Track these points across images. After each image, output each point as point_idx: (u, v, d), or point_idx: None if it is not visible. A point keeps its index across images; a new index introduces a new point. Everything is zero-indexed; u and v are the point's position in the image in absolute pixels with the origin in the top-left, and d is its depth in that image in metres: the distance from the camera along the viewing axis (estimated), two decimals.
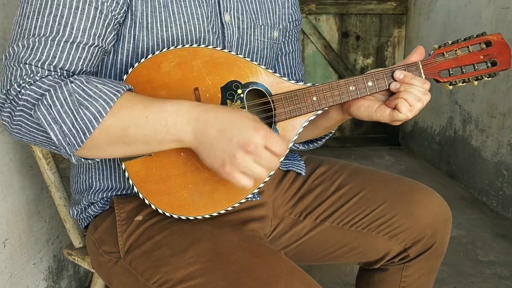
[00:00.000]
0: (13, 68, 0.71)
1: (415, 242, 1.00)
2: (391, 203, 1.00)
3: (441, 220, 1.01)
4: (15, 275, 1.20)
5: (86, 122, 0.68)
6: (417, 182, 1.06)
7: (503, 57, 0.89)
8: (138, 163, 0.78)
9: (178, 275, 0.74)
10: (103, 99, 0.69)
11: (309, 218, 1.02)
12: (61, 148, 0.70)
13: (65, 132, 0.68)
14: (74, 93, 0.68)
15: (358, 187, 1.02)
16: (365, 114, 0.90)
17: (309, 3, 3.60)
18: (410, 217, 0.99)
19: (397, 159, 3.48)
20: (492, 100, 2.53)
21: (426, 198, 1.01)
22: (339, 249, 1.04)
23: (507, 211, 2.40)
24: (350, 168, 1.08)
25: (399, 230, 0.99)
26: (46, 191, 1.33)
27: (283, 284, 0.70)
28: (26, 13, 0.73)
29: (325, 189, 1.04)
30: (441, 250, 1.04)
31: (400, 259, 1.03)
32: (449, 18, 3.03)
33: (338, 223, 1.01)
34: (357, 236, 1.01)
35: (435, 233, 1.00)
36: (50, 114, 0.68)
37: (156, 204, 0.79)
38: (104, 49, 0.79)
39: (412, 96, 0.85)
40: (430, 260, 1.03)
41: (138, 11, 0.80)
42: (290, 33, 1.06)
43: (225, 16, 0.89)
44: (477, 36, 0.90)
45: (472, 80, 0.91)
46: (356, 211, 1.01)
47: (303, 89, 0.85)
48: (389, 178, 1.06)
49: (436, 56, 0.89)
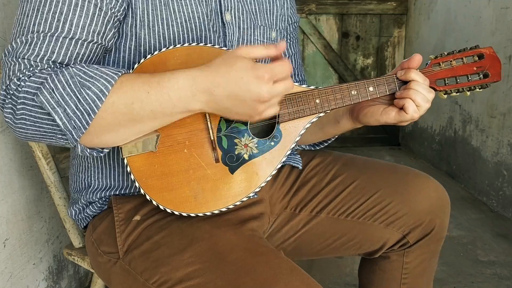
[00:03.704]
0: (11, 63, 0.71)
1: (413, 228, 1.00)
2: (386, 190, 1.00)
3: (439, 204, 1.01)
4: (15, 275, 1.20)
5: (89, 102, 0.68)
6: (411, 169, 1.06)
7: (495, 69, 0.94)
8: (141, 159, 0.78)
9: (177, 275, 0.74)
10: (104, 79, 0.69)
11: (304, 211, 1.03)
12: (68, 133, 0.69)
13: (69, 114, 0.68)
14: (75, 75, 0.69)
15: (352, 176, 1.03)
16: (372, 119, 0.92)
17: (309, 3, 3.60)
18: (406, 203, 0.99)
19: (397, 159, 3.48)
20: (492, 100, 2.53)
21: (421, 183, 1.01)
22: (337, 240, 1.04)
23: (507, 211, 2.40)
24: (344, 159, 1.08)
25: (396, 217, 0.99)
26: (46, 191, 1.33)
27: (283, 283, 0.70)
28: (25, 11, 0.74)
29: (319, 180, 1.04)
30: (441, 234, 1.04)
31: (400, 246, 1.03)
32: (449, 18, 3.03)
33: (333, 214, 1.01)
34: (354, 226, 1.01)
35: (433, 217, 1.00)
36: (53, 98, 0.68)
37: (158, 200, 0.79)
38: (104, 46, 0.79)
39: (420, 96, 0.86)
40: (430, 245, 1.03)
41: (138, 9, 0.80)
42: (289, 36, 1.07)
43: (226, 15, 0.89)
44: (471, 49, 0.94)
45: (465, 91, 0.95)
46: (351, 200, 1.01)
47: (307, 92, 0.86)
48: (383, 166, 1.06)
49: (433, 65, 0.93)
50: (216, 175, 0.80)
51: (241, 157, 0.83)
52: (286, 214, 1.03)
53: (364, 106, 0.94)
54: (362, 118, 0.94)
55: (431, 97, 0.88)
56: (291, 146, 0.86)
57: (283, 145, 0.85)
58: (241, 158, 0.83)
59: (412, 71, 0.88)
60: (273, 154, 0.85)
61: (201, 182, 0.80)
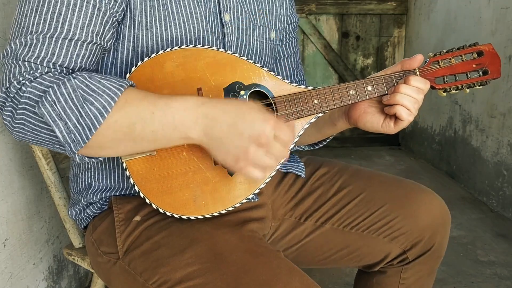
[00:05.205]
0: (11, 65, 0.71)
1: (414, 244, 1.00)
2: (391, 205, 1.00)
3: (441, 221, 1.01)
4: (15, 275, 1.20)
5: (91, 118, 0.67)
6: (417, 184, 1.06)
7: (494, 66, 0.93)
8: (140, 162, 0.78)
9: (177, 276, 0.74)
10: (107, 94, 0.68)
11: (309, 220, 1.02)
12: (66, 145, 0.69)
13: (70, 128, 0.67)
14: (78, 88, 0.68)
15: (358, 189, 1.02)
16: (373, 129, 0.93)
17: (309, 3, 3.60)
18: (410, 218, 0.99)
19: (397, 159, 3.48)
20: (492, 100, 2.53)
21: (426, 199, 1.01)
22: (339, 252, 1.03)
23: (507, 211, 2.40)
24: (350, 170, 1.08)
25: (400, 232, 0.99)
26: (46, 191, 1.33)
27: (282, 284, 0.70)
28: (24, 11, 0.73)
29: (325, 191, 1.04)
30: (440, 252, 1.04)
31: (399, 261, 1.03)
32: (449, 18, 3.02)
33: (338, 225, 1.01)
34: (358, 238, 1.01)
35: (434, 234, 1.00)
36: (54, 110, 0.67)
37: (157, 204, 0.79)
38: (103, 47, 0.78)
39: (407, 99, 0.86)
40: (429, 262, 1.03)
41: (137, 10, 0.80)
42: (289, 36, 1.07)
43: (225, 16, 0.89)
44: (470, 46, 0.93)
45: (464, 88, 0.94)
46: (357, 213, 1.00)
47: (305, 92, 0.86)
48: (389, 179, 1.06)
49: (432, 63, 0.92)
50: (215, 178, 0.80)
51: None
52: (290, 223, 1.03)
53: (362, 114, 0.93)
54: (361, 126, 0.94)
55: (420, 98, 0.88)
56: (289, 147, 0.86)
57: None
58: None
59: (398, 90, 0.87)
60: None
61: (200, 185, 0.80)
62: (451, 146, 3.05)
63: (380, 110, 0.92)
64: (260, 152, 0.70)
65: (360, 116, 0.93)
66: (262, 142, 0.69)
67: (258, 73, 0.84)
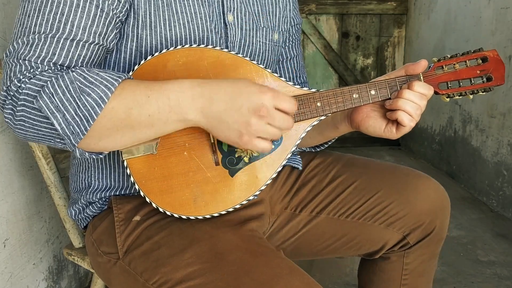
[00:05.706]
0: (12, 64, 0.71)
1: (413, 228, 1.00)
2: (386, 191, 1.00)
3: (439, 205, 1.01)
4: (15, 275, 1.20)
5: (88, 109, 0.67)
6: (412, 169, 1.05)
7: (498, 72, 0.92)
8: (141, 161, 0.78)
9: (177, 276, 0.74)
10: (104, 85, 0.68)
11: (304, 211, 1.03)
12: (66, 138, 0.69)
13: (68, 120, 0.68)
14: (75, 80, 0.68)
15: (352, 177, 1.03)
16: (376, 134, 0.93)
17: (309, 3, 3.60)
18: (406, 204, 0.99)
19: (397, 159, 3.48)
20: (492, 100, 2.53)
21: (422, 184, 1.01)
22: (337, 241, 1.03)
23: (507, 211, 2.40)
24: (344, 159, 1.08)
25: (396, 217, 0.99)
26: (46, 191, 1.33)
27: (283, 284, 0.70)
28: (27, 11, 0.74)
29: (319, 181, 1.04)
30: (441, 235, 1.04)
31: (400, 246, 1.03)
32: (449, 18, 3.03)
33: (333, 214, 1.01)
34: (354, 227, 1.01)
35: (433, 218, 1.00)
36: (52, 103, 0.67)
37: (157, 203, 0.79)
38: (105, 47, 0.78)
39: (410, 105, 0.86)
40: (430, 245, 1.03)
41: (141, 10, 0.80)
42: (292, 37, 1.07)
43: (229, 16, 0.89)
44: (474, 52, 0.92)
45: (468, 94, 0.93)
46: (351, 201, 1.01)
47: (308, 95, 0.86)
48: (383, 166, 1.06)
49: (436, 68, 0.91)
50: (216, 178, 0.80)
51: (241, 160, 0.83)
52: (286, 215, 1.03)
53: (364, 118, 0.93)
54: (364, 130, 0.94)
55: (423, 104, 0.87)
56: (291, 149, 0.86)
57: (283, 148, 0.85)
58: (241, 161, 0.83)
59: (401, 95, 0.87)
60: (273, 157, 0.84)
61: (201, 185, 0.80)
62: (451, 146, 3.05)
63: (382, 114, 0.92)
64: (262, 123, 0.70)
65: (362, 120, 0.93)
66: (262, 113, 0.70)
67: (261, 74, 0.84)
